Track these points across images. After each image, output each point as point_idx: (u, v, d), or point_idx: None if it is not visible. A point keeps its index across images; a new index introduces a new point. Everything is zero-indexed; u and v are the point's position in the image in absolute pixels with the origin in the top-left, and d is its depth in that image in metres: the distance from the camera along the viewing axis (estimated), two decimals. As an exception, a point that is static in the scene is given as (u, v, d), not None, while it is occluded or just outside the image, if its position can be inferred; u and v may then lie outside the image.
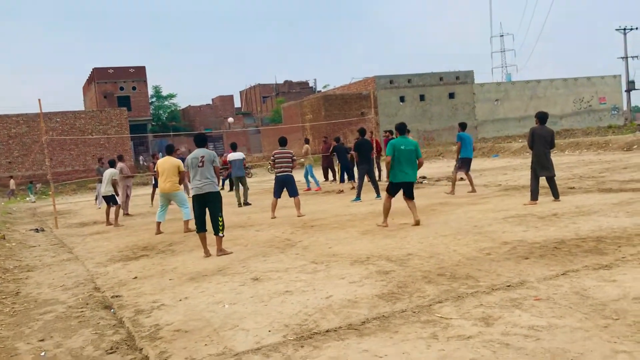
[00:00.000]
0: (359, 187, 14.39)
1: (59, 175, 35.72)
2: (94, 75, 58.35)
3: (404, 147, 9.30)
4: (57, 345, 4.97)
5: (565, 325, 4.21)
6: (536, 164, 10.70)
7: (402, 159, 9.29)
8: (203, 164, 8.35)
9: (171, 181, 11.25)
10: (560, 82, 52.87)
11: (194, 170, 8.39)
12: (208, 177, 8.32)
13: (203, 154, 8.44)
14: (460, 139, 13.80)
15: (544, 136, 10.67)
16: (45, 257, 10.05)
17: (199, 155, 8.41)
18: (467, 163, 13.78)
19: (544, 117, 10.89)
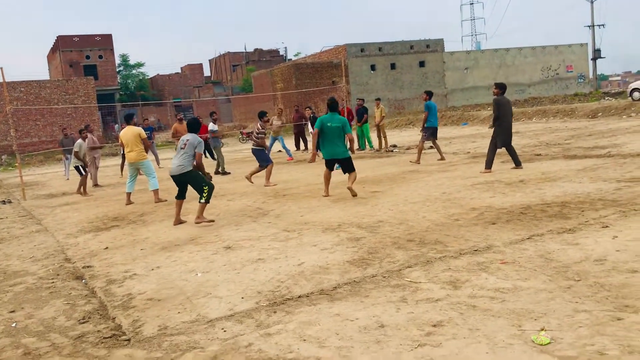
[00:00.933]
0: None
1: (25, 147, 34.91)
2: (59, 44, 56.70)
3: (330, 124, 9.31)
4: (29, 316, 4.95)
5: (530, 287, 4.35)
6: (503, 134, 10.76)
7: (329, 135, 9.33)
8: (185, 147, 8.41)
9: (136, 150, 11.16)
10: (529, 51, 53.29)
11: (177, 151, 8.57)
12: (184, 162, 8.36)
13: (189, 137, 8.51)
14: (428, 108, 13.70)
15: (508, 107, 10.79)
16: (13, 229, 9.91)
17: (184, 139, 8.53)
18: (433, 132, 13.80)
19: (504, 87, 10.95)
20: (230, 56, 79.13)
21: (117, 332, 4.29)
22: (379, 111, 18.88)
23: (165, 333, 4.15)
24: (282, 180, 13.00)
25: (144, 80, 71.05)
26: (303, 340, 3.77)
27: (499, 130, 10.82)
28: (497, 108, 10.84)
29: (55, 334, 4.43)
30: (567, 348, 3.28)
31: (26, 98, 38.15)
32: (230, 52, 79.54)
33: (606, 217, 6.34)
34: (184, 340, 3.97)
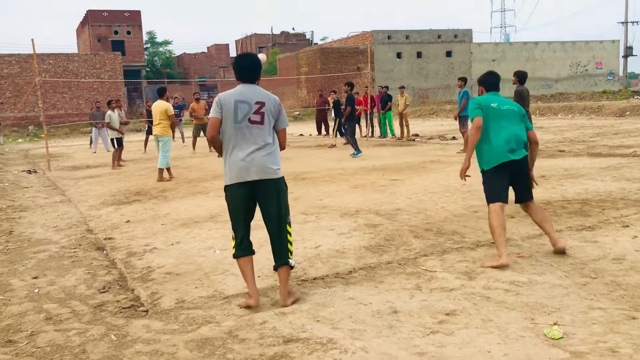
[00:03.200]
0: (354, 141, 14.39)
1: (51, 118, 35.44)
2: (88, 17, 57.14)
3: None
4: (51, 283, 5.08)
5: (545, 282, 4.36)
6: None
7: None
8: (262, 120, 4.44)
9: (161, 124, 11.32)
10: (558, 45, 52.45)
11: None
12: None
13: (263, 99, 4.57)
14: (467, 95, 13.16)
15: (528, 96, 10.45)
16: (38, 199, 10.12)
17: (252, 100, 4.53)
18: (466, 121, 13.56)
19: (524, 77, 10.37)
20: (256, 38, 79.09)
21: (136, 303, 4.40)
22: (402, 99, 18.79)
23: (182, 306, 4.24)
24: (302, 164, 13.06)
25: (171, 58, 71.38)
26: (317, 321, 3.83)
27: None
28: (518, 98, 10.20)
29: (75, 301, 4.55)
30: (579, 344, 3.30)
31: (54, 70, 38.65)
32: (257, 34, 79.49)
33: (627, 217, 6.29)
34: (200, 315, 4.06)
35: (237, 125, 4.20)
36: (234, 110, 4.21)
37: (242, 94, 4.32)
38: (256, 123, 4.23)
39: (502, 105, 5.32)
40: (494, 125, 5.17)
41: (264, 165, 4.19)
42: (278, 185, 4.32)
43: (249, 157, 4.17)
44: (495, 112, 5.23)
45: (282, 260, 4.33)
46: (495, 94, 5.56)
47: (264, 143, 4.23)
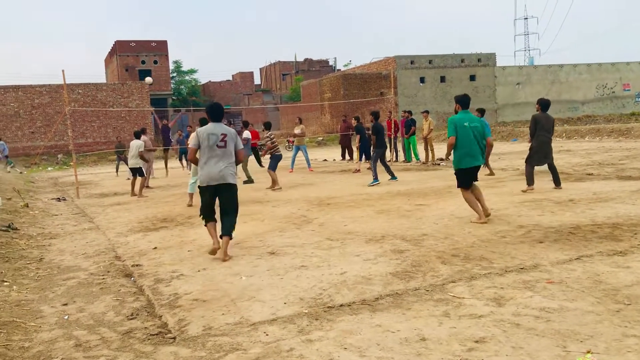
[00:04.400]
0: (375, 170, 14.36)
1: (80, 147, 36.15)
2: (116, 48, 58.58)
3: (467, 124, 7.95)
4: (80, 309, 5.14)
5: (577, 308, 4.27)
6: (537, 151, 10.55)
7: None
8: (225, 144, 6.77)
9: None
10: (584, 67, 52.02)
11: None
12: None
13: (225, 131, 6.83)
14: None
15: (546, 124, 10.55)
16: (67, 226, 10.29)
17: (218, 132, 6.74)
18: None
19: (546, 105, 10.67)
20: (280, 65, 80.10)
21: (163, 330, 4.42)
22: (427, 124, 18.78)
23: (210, 333, 4.25)
24: (326, 189, 13.08)
25: (196, 87, 72.57)
26: (344, 348, 3.80)
27: (535, 146, 10.62)
28: (533, 124, 10.62)
29: (104, 328, 4.59)
30: (613, 372, 3.21)
31: (83, 100, 39.54)
32: (281, 61, 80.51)
33: (660, 241, 6.15)
34: (227, 342, 4.06)
35: (209, 148, 6.62)
36: (207, 139, 6.63)
37: (214, 129, 6.71)
38: (221, 147, 6.64)
39: (471, 123, 7.80)
40: (465, 141, 7.74)
41: (225, 175, 6.63)
42: (233, 188, 6.77)
43: (216, 169, 6.61)
44: (466, 130, 7.73)
45: (228, 232, 6.68)
46: (466, 112, 7.98)
47: (228, 161, 6.68)
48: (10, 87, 38.76)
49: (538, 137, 10.54)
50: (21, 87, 39.01)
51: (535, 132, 10.55)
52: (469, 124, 7.77)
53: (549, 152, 10.58)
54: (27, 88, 38.91)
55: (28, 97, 38.67)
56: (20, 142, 38.32)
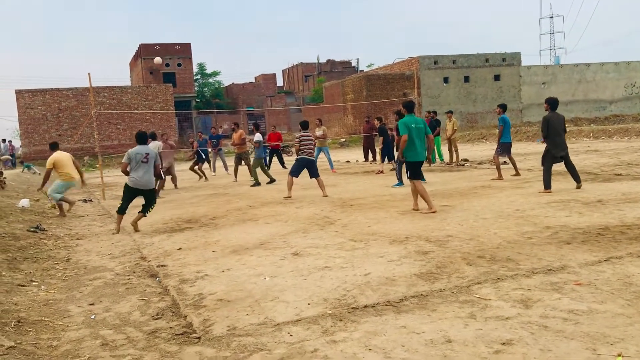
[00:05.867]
0: (399, 172, 14.28)
1: (106, 149, 36.69)
2: (141, 51, 59.29)
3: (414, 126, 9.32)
4: (106, 309, 5.20)
5: (607, 310, 4.18)
6: (549, 154, 10.51)
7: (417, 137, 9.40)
8: (147, 161, 9.36)
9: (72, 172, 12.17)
10: (611, 66, 51.13)
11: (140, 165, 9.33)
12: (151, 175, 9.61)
13: (147, 151, 9.44)
14: (503, 122, 13.34)
15: (558, 124, 10.48)
16: (93, 227, 10.43)
17: (143, 152, 9.35)
18: (508, 147, 13.44)
19: (555, 103, 10.64)
20: (302, 67, 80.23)
21: (188, 330, 4.44)
22: (451, 124, 18.64)
23: (234, 333, 4.26)
24: (349, 190, 13.05)
25: (220, 89, 73.06)
26: (368, 349, 3.78)
27: (547, 148, 10.56)
28: (545, 125, 10.55)
29: (130, 327, 4.63)
30: (645, 376, 3.14)
31: (109, 103, 40.13)
32: (303, 63, 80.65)
33: (692, 243, 6.00)
34: (251, 342, 4.06)
35: (136, 162, 9.27)
36: (135, 156, 9.26)
37: (140, 150, 9.38)
38: (145, 162, 9.31)
39: (417, 125, 9.32)
40: (414, 140, 9.20)
41: (148, 181, 9.38)
42: (152, 190, 9.55)
43: (140, 176, 9.31)
44: (414, 130, 9.23)
45: (145, 212, 9.59)
46: (412, 115, 9.46)
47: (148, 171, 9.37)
48: (37, 91, 39.50)
49: (551, 139, 10.49)
50: (48, 90, 39.73)
51: (548, 133, 10.47)
52: (415, 125, 9.28)
53: (563, 146, 10.50)
54: (54, 91, 39.63)
55: (55, 100, 39.39)
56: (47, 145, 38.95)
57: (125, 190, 9.50)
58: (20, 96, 39.02)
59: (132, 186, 9.36)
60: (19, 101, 38.94)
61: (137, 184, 9.32)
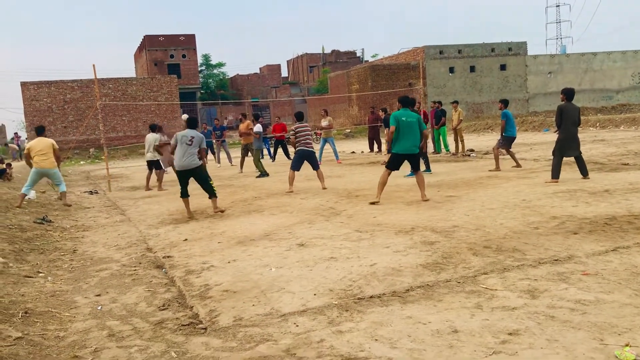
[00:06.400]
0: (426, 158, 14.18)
1: (111, 140, 36.75)
2: (145, 43, 59.25)
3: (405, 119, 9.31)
4: (113, 300, 5.22)
5: (614, 300, 4.16)
6: (564, 143, 10.36)
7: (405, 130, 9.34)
8: (192, 143, 9.41)
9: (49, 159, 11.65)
10: (618, 55, 50.71)
11: (182, 147, 9.38)
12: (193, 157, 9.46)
13: (193, 134, 9.48)
14: (505, 117, 13.41)
15: (573, 114, 10.34)
16: (99, 218, 10.46)
17: (189, 135, 9.43)
18: (511, 141, 13.47)
19: (571, 94, 10.47)
20: (307, 57, 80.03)
21: (195, 321, 4.45)
22: (456, 114, 18.55)
23: (240, 324, 4.26)
24: (355, 181, 13.03)
25: (224, 80, 72.99)
26: (375, 339, 3.78)
27: (562, 138, 10.43)
28: (559, 115, 10.42)
29: (137, 318, 4.64)
30: (653, 366, 3.12)
31: (114, 94, 40.13)
32: (308, 53, 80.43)
33: (700, 232, 5.96)
34: (257, 332, 4.07)
35: (181, 144, 9.40)
36: (181, 138, 9.41)
37: (187, 132, 9.52)
38: (189, 145, 9.38)
39: (408, 119, 9.27)
40: (402, 132, 9.24)
41: (190, 162, 9.37)
42: (198, 168, 9.51)
43: (180, 157, 9.42)
44: (403, 123, 9.24)
45: (212, 194, 9.75)
46: (406, 109, 9.46)
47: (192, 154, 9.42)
48: (43, 83, 39.55)
49: (565, 129, 10.36)
50: (53, 82, 39.76)
51: (562, 123, 10.36)
52: (406, 119, 9.26)
53: (573, 144, 10.38)
54: (59, 83, 39.66)
55: (60, 92, 39.41)
56: (53, 137, 38.99)
57: (177, 176, 9.79)
58: (26, 88, 39.07)
59: (177, 168, 9.60)
60: (24, 93, 39.00)
61: (179, 165, 9.45)
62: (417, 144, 9.38)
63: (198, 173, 9.53)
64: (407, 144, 9.27)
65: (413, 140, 9.29)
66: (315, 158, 12.36)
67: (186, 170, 9.44)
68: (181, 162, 9.39)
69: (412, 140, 9.29)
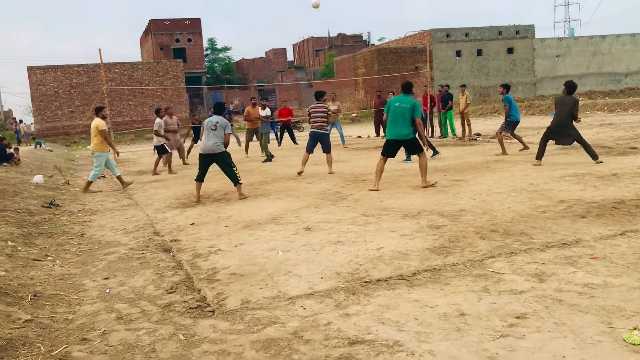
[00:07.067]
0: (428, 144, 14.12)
1: (117, 125, 36.77)
2: (151, 27, 59.05)
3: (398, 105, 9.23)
4: (121, 283, 5.24)
5: (622, 284, 4.15)
6: (551, 129, 10.77)
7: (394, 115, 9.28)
8: (215, 129, 9.40)
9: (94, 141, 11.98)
10: (627, 38, 50.21)
11: (208, 132, 9.44)
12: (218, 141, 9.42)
13: (218, 119, 9.47)
14: (508, 102, 13.40)
15: (567, 105, 10.52)
16: (106, 202, 10.49)
17: (214, 121, 9.46)
18: (514, 125, 13.46)
19: (572, 88, 10.72)
20: (313, 41, 79.57)
21: (202, 304, 4.47)
22: (463, 98, 18.44)
23: (248, 307, 4.28)
24: (361, 165, 13.01)
25: (230, 64, 72.76)
26: (382, 323, 3.78)
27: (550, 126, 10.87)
28: (554, 104, 11.05)
29: (145, 301, 4.67)
30: (661, 350, 3.11)
31: (120, 79, 40.12)
32: (314, 37, 79.97)
33: None
34: (265, 315, 4.08)
35: (207, 129, 9.47)
36: (207, 124, 9.51)
37: (212, 118, 9.54)
38: (213, 130, 9.40)
39: (401, 104, 9.16)
40: (392, 118, 9.24)
41: (213, 146, 9.39)
42: (222, 154, 9.50)
43: (204, 142, 9.55)
44: (394, 109, 9.21)
45: (236, 182, 9.58)
46: (405, 95, 9.33)
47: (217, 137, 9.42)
48: (49, 68, 39.56)
49: (556, 117, 10.81)
50: (60, 67, 39.78)
51: (556, 111, 10.87)
52: (400, 104, 9.18)
53: (569, 133, 10.55)
54: (66, 68, 39.67)
55: (66, 77, 39.45)
56: (60, 122, 39.19)
57: (198, 159, 9.74)
58: (32, 73, 39.11)
59: (200, 152, 9.63)
60: (30, 78, 39.05)
61: (203, 149, 9.53)
62: (407, 132, 9.18)
63: (222, 159, 9.51)
64: (395, 129, 9.21)
65: (402, 127, 9.16)
66: (327, 140, 12.09)
67: (209, 154, 9.48)
68: (205, 146, 9.47)
69: (401, 126, 9.16)
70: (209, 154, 9.48)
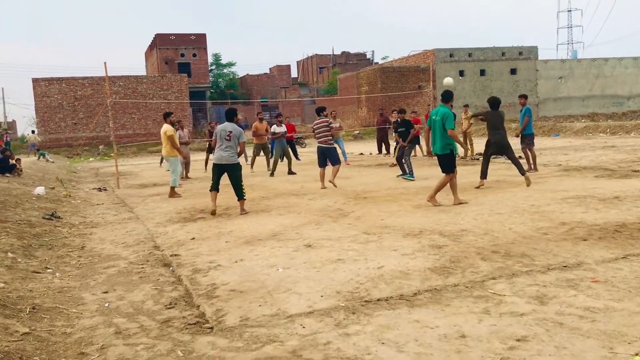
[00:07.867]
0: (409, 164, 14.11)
1: (120, 138, 36.84)
2: (156, 41, 59.42)
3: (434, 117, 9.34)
4: (120, 297, 5.22)
5: (624, 308, 4.12)
6: (487, 145, 11.28)
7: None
8: (230, 138, 9.36)
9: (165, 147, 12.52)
10: (630, 61, 50.40)
11: (221, 142, 9.41)
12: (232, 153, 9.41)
13: (231, 129, 9.39)
14: (529, 113, 13.22)
15: (495, 121, 11.00)
16: (107, 215, 10.49)
17: (227, 130, 9.39)
18: (532, 138, 13.42)
19: (495, 103, 11.22)
20: (317, 58, 79.98)
21: (201, 320, 4.45)
22: (466, 118, 18.48)
23: (247, 324, 4.26)
24: (363, 183, 13.01)
25: (234, 80, 73.04)
26: (382, 343, 3.76)
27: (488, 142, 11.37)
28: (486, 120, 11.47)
29: (143, 316, 4.65)
30: (663, 376, 3.09)
31: (124, 92, 40.28)
32: (318, 54, 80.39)
33: None
34: (264, 333, 4.06)
35: (220, 138, 9.37)
36: (220, 133, 9.39)
37: (225, 127, 9.43)
38: (227, 140, 9.33)
39: (435, 117, 9.21)
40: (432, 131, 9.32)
41: (228, 157, 9.35)
42: (235, 166, 9.45)
43: (219, 152, 9.42)
44: (432, 121, 9.28)
45: (241, 196, 9.53)
46: (442, 105, 9.32)
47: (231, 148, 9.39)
48: (54, 80, 39.76)
49: (490, 134, 11.32)
50: (64, 79, 39.98)
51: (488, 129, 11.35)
52: (435, 117, 9.20)
53: (501, 147, 11.03)
54: (70, 80, 39.88)
55: (71, 89, 39.61)
56: (63, 133, 39.30)
57: (212, 168, 9.68)
58: (37, 84, 39.29)
59: (215, 162, 9.52)
60: (35, 89, 39.22)
61: (218, 159, 9.42)
62: (440, 144, 9.15)
63: (233, 172, 9.45)
64: (433, 143, 9.30)
65: (434, 139, 9.24)
66: (333, 153, 12.21)
67: (223, 164, 9.41)
68: (221, 156, 9.38)
69: (434, 139, 9.24)
70: (224, 165, 9.40)
